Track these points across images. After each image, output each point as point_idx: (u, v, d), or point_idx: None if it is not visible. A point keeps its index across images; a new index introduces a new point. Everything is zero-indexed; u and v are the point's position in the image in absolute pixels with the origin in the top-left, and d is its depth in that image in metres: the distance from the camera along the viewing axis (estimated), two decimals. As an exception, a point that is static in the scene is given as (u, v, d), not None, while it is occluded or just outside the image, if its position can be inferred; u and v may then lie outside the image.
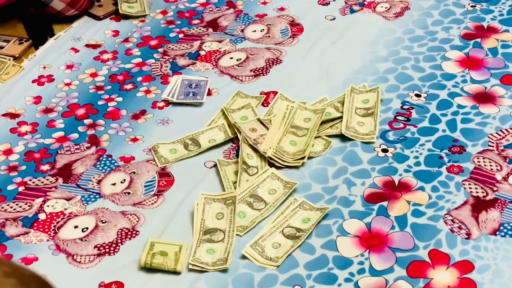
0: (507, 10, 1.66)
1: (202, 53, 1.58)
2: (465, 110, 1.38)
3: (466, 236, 1.14)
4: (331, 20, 1.66)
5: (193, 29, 1.66)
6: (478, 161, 1.27)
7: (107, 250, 1.15)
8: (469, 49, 1.54)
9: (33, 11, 1.69)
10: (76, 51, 1.60)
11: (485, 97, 1.41)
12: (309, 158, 1.29)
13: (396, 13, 1.67)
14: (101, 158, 1.32)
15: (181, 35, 1.64)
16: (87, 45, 1.62)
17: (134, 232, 1.18)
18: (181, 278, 1.11)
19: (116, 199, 1.24)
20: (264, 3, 1.73)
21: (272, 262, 1.12)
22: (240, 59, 1.55)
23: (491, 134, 1.33)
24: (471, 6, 1.67)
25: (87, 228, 1.19)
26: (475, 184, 1.23)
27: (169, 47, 1.60)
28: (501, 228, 1.15)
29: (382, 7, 1.69)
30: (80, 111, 1.44)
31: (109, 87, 1.49)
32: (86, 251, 1.15)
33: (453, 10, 1.67)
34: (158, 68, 1.54)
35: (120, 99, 1.46)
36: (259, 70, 1.51)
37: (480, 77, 1.47)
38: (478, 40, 1.57)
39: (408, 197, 1.21)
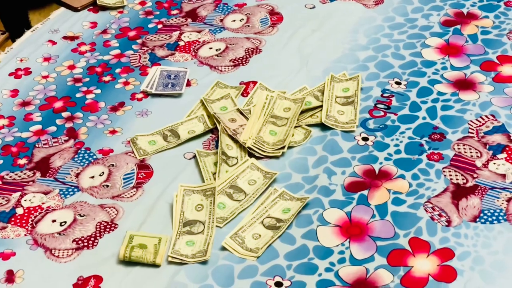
0: (487, -4, 1.65)
1: (181, 43, 1.56)
2: (445, 97, 1.38)
3: (446, 224, 1.14)
4: (311, 8, 1.65)
5: (172, 19, 1.65)
6: (458, 148, 1.27)
7: (85, 244, 1.14)
8: (449, 36, 1.54)
9: None
10: (54, 43, 1.59)
11: (465, 84, 1.41)
12: (289, 147, 1.29)
13: (376, 0, 1.66)
14: (79, 151, 1.31)
15: (159, 26, 1.63)
16: (65, 37, 1.60)
17: (113, 225, 1.17)
18: (161, 271, 1.10)
19: (94, 192, 1.23)
20: (244, -8, 1.72)
21: (252, 253, 1.11)
22: (220, 49, 1.54)
23: (471, 120, 1.32)
24: (451, -7, 1.67)
25: (65, 222, 1.18)
26: (455, 171, 1.23)
27: (148, 38, 1.58)
28: (481, 215, 1.15)
29: (362, -5, 1.68)
30: (58, 104, 1.42)
31: (87, 79, 1.48)
32: (64, 245, 1.14)
33: (433, -3, 1.66)
34: (136, 59, 1.53)
35: (98, 91, 1.45)
36: (239, 60, 1.50)
37: (460, 63, 1.46)
38: (458, 26, 1.57)
39: (388, 185, 1.21)
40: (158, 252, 1.11)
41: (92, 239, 1.15)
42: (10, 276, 1.10)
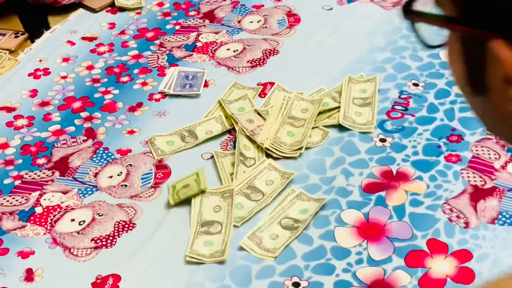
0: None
1: (199, 44, 1.57)
2: (463, 99, 1.37)
3: (465, 225, 1.14)
4: (328, 10, 1.65)
5: (190, 20, 1.65)
6: (476, 150, 1.26)
7: (104, 243, 1.15)
8: (467, 38, 1.53)
9: (30, 1, 1.69)
10: (72, 44, 1.60)
11: (483, 86, 1.40)
12: (307, 148, 1.29)
13: (394, 2, 1.66)
14: (97, 151, 1.32)
15: (177, 27, 1.63)
16: (83, 38, 1.61)
17: (131, 224, 1.18)
18: (179, 271, 1.10)
19: (113, 192, 1.24)
20: (261, -7, 1.72)
21: (269, 253, 1.11)
22: (237, 50, 1.54)
23: (489, 122, 1.32)
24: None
25: (84, 221, 1.19)
26: (473, 173, 1.22)
27: (166, 39, 1.59)
28: (500, 216, 1.15)
29: (379, -4, 1.68)
30: (77, 104, 1.43)
31: (106, 79, 1.49)
32: (83, 244, 1.15)
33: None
34: (154, 60, 1.53)
35: (116, 91, 1.46)
36: (256, 61, 1.51)
37: (478, 65, 1.46)
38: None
39: (406, 187, 1.20)
40: (199, 182, 1.19)
41: (111, 238, 1.16)
42: (29, 275, 1.11)
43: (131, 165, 1.28)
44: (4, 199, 1.23)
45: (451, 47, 0.53)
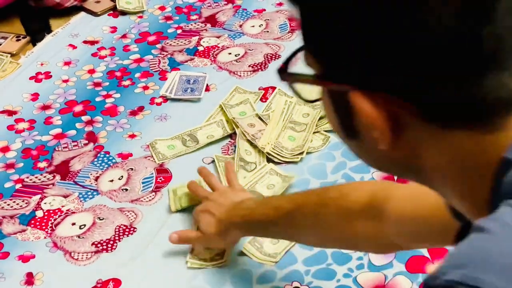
0: None
1: (200, 48, 1.57)
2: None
3: (466, 231, 1.13)
4: (330, 14, 1.65)
5: (191, 24, 1.65)
6: (478, 155, 1.26)
7: (104, 247, 1.15)
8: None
9: (32, 4, 1.69)
10: (74, 47, 1.60)
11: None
12: (308, 153, 1.29)
13: (395, 7, 1.65)
14: (98, 154, 1.32)
15: (179, 31, 1.63)
16: (85, 42, 1.61)
17: (132, 228, 1.18)
18: (179, 275, 1.10)
19: (113, 196, 1.24)
20: (263, -2, 1.73)
21: (270, 258, 1.11)
22: (239, 54, 1.54)
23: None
24: None
25: (84, 225, 1.18)
26: (475, 178, 1.22)
27: (167, 43, 1.59)
28: (501, 222, 1.14)
29: (381, 1, 1.68)
30: (78, 108, 1.43)
31: (107, 83, 1.49)
32: (83, 248, 1.15)
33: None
34: (156, 64, 1.53)
35: (118, 95, 1.46)
36: (258, 66, 1.51)
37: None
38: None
39: (407, 192, 1.20)
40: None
41: (111, 242, 1.15)
42: (29, 279, 1.11)
43: (132, 169, 1.28)
44: (5, 202, 1.23)
45: (323, 100, 0.59)
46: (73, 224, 1.19)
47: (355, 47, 0.52)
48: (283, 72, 0.59)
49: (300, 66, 0.57)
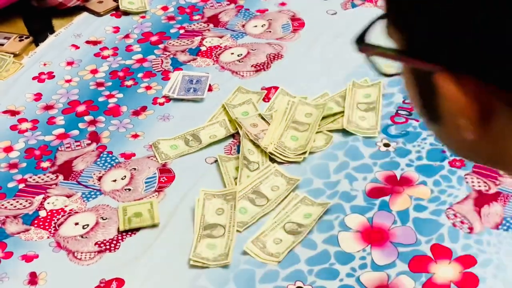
0: None
1: (203, 48, 1.57)
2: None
3: (469, 231, 1.13)
4: (332, 14, 1.66)
5: (194, 24, 1.65)
6: (481, 155, 1.26)
7: (107, 247, 1.15)
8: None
9: (35, 4, 1.69)
10: (77, 47, 1.60)
11: (487, 91, 1.40)
12: (311, 153, 1.29)
13: (398, 7, 1.65)
14: (101, 154, 1.32)
15: (182, 31, 1.63)
16: (88, 42, 1.61)
17: (135, 228, 1.18)
18: (182, 275, 1.10)
19: (116, 196, 1.24)
20: (265, -2, 1.73)
21: (273, 258, 1.11)
22: (241, 54, 1.54)
23: (493, 127, 1.31)
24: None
25: (87, 225, 1.19)
26: (477, 178, 1.22)
27: (170, 43, 1.59)
28: (504, 222, 1.15)
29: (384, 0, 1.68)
30: (81, 108, 1.43)
31: (110, 83, 1.49)
32: (86, 248, 1.15)
33: None
34: (158, 64, 1.53)
35: (120, 95, 1.46)
36: (260, 66, 1.51)
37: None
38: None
39: (410, 192, 1.20)
40: (153, 215, 1.17)
41: (114, 242, 1.16)
42: (33, 278, 1.11)
43: (135, 169, 1.28)
44: (8, 202, 1.23)
45: (405, 77, 0.54)
46: (76, 224, 1.19)
47: (451, 22, 0.45)
48: (361, 42, 0.54)
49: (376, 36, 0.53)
